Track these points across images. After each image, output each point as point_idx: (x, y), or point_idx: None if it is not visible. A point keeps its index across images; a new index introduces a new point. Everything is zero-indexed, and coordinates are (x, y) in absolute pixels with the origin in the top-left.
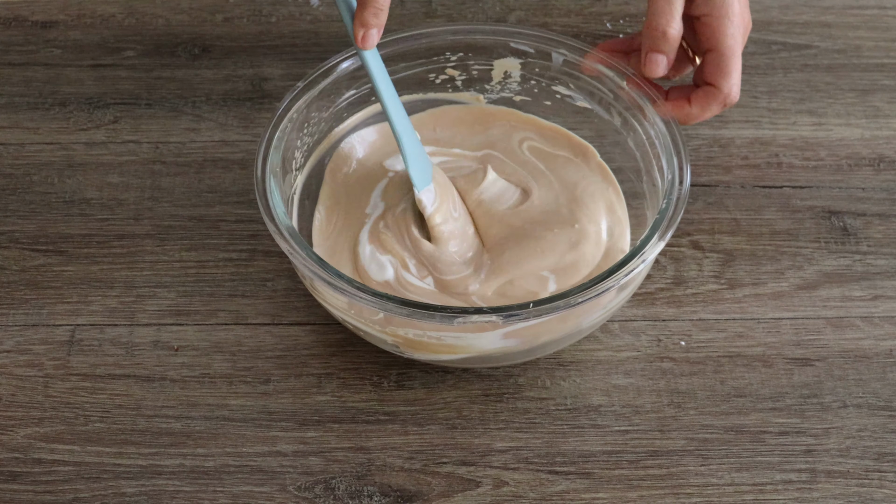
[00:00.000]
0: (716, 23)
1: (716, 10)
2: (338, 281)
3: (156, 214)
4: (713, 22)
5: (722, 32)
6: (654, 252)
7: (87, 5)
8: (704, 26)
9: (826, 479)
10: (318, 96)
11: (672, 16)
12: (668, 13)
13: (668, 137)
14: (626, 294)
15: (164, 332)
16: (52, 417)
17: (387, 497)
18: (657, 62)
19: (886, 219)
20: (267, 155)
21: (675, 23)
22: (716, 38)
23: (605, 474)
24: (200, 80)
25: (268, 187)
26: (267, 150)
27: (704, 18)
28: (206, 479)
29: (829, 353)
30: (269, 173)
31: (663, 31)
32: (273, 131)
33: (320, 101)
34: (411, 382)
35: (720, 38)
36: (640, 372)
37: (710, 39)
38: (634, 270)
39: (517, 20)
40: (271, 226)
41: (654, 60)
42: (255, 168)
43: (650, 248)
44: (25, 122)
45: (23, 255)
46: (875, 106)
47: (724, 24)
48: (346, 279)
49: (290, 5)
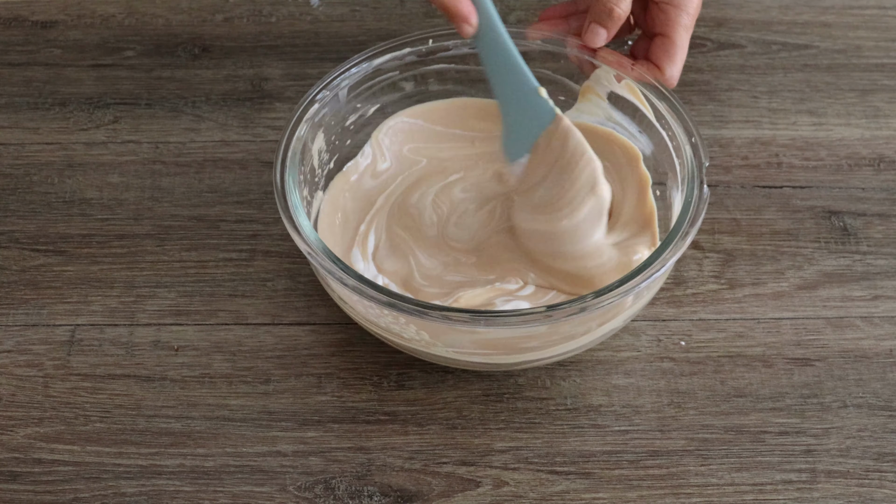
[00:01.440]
0: (673, 11)
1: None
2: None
3: (156, 214)
4: (671, 10)
5: (677, 22)
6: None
7: (87, 5)
8: (661, 12)
9: (826, 479)
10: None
11: None
12: None
13: (689, 146)
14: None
15: (164, 332)
16: (52, 417)
17: (387, 497)
18: (598, 34)
19: (886, 219)
20: (284, 167)
21: (623, 3)
22: (670, 25)
23: (605, 474)
24: (200, 80)
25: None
26: (284, 163)
27: (662, 5)
28: (206, 479)
29: (829, 353)
30: (288, 187)
31: (610, 8)
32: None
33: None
34: (411, 382)
35: (674, 26)
36: (640, 372)
37: (663, 25)
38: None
39: (517, 20)
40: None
41: (596, 32)
42: (274, 180)
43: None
44: (25, 122)
45: (23, 255)
46: (875, 106)
47: (681, 15)
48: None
49: (290, 5)
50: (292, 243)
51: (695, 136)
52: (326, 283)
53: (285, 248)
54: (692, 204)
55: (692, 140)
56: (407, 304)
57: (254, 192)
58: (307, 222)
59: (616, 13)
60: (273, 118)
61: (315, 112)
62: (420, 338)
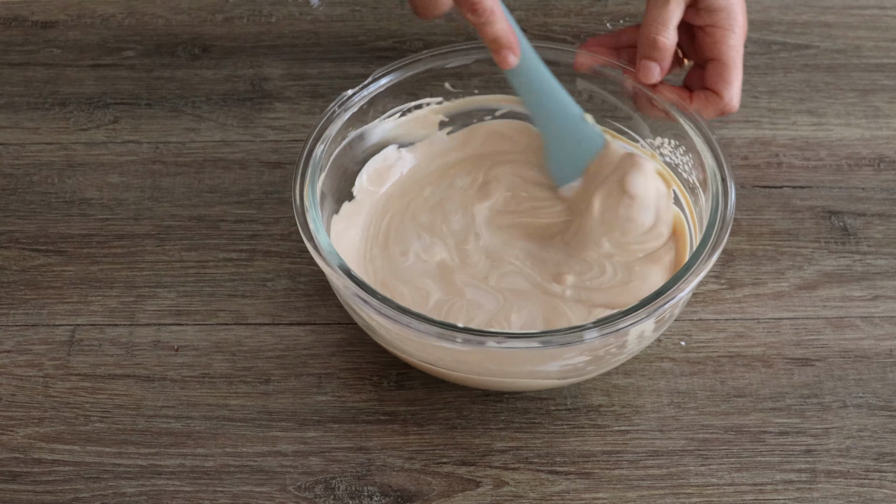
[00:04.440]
0: (720, 33)
1: (721, 21)
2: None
3: (156, 214)
4: (717, 33)
5: (726, 44)
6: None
7: (87, 5)
8: (707, 36)
9: (826, 479)
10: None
11: (664, 25)
12: (659, 22)
13: (715, 161)
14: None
15: (164, 332)
16: (52, 417)
17: (387, 497)
18: (650, 69)
19: (886, 219)
20: (304, 182)
21: (667, 32)
22: (719, 48)
23: (605, 474)
24: (200, 80)
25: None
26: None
27: (708, 29)
28: (206, 479)
29: (829, 353)
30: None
31: (653, 39)
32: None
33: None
34: (411, 382)
35: (724, 48)
36: (640, 372)
37: (713, 49)
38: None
39: (517, 20)
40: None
41: (647, 67)
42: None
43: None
44: (25, 122)
45: (23, 255)
46: (875, 106)
47: (728, 36)
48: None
49: (290, 5)
50: (292, 243)
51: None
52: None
53: (285, 248)
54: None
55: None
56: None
57: (254, 192)
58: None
59: (661, 42)
60: (273, 118)
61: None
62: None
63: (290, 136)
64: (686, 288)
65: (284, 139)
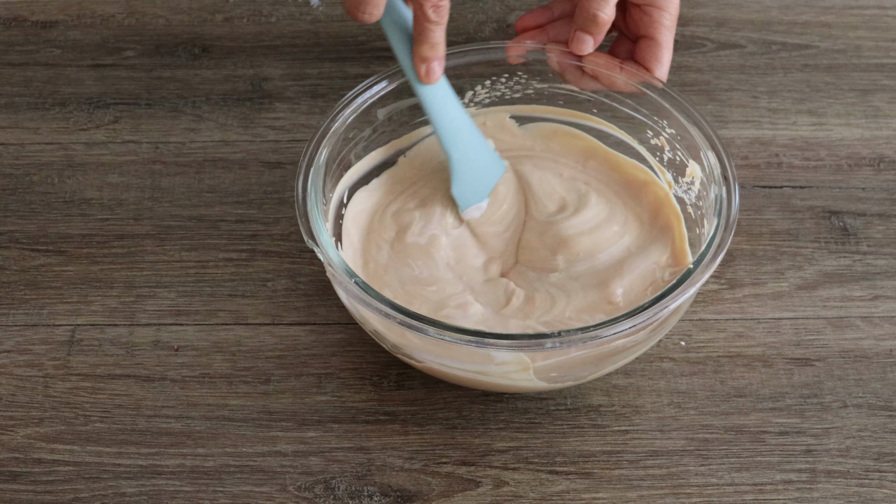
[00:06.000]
0: (657, 13)
1: (658, 1)
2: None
3: (156, 214)
4: (654, 12)
5: (661, 23)
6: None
7: (87, 5)
8: (643, 14)
9: (826, 479)
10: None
11: (606, 1)
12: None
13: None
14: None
15: (164, 332)
16: (52, 417)
17: (387, 497)
18: (585, 41)
19: (886, 219)
20: (306, 187)
21: (607, 8)
22: (655, 27)
23: (605, 474)
24: (200, 80)
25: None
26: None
27: (645, 7)
28: (206, 479)
29: (829, 353)
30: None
31: (594, 14)
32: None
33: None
34: (411, 382)
35: (659, 27)
36: (640, 372)
37: (648, 28)
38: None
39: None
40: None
41: (582, 39)
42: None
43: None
44: (25, 122)
45: (23, 255)
46: (875, 106)
47: (663, 16)
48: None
49: (290, 5)
50: (292, 243)
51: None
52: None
53: (285, 248)
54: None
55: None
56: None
57: (254, 192)
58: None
59: (601, 18)
60: (273, 118)
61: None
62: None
63: (290, 136)
64: (689, 291)
65: (284, 139)
